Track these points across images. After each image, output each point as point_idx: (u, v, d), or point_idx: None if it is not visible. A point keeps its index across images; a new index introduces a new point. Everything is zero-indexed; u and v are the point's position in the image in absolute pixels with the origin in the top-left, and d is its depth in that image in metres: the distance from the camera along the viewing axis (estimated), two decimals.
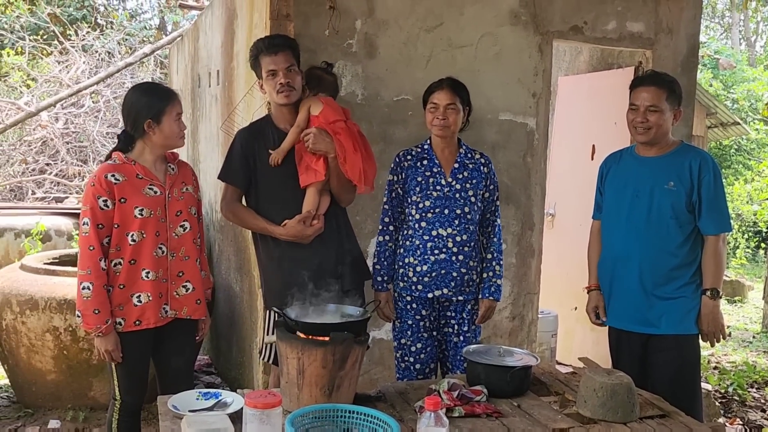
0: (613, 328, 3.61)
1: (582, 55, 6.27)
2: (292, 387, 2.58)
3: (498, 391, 2.80)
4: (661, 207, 3.39)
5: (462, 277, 3.51)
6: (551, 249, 5.35)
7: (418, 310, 3.55)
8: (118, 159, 3.16)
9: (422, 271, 3.51)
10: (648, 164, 3.47)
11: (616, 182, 3.58)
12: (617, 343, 3.60)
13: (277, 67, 3.25)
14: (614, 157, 3.67)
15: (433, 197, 3.51)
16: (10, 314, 4.39)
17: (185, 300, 3.26)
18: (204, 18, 5.93)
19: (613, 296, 3.57)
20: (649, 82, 3.44)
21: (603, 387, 2.63)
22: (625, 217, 3.48)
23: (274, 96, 3.30)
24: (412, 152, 3.61)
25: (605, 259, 3.61)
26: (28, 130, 11.35)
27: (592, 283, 3.70)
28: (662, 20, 5.08)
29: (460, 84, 3.54)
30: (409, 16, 4.45)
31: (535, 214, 4.88)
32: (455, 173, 3.54)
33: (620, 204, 3.52)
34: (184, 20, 14.40)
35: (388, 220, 3.61)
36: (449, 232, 3.50)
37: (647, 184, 3.43)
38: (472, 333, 3.58)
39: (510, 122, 4.72)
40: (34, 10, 13.35)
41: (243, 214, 3.41)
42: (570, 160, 6.02)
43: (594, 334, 5.57)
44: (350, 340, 2.56)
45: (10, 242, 7.35)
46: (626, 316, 3.51)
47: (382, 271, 3.59)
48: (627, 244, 3.47)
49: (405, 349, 3.58)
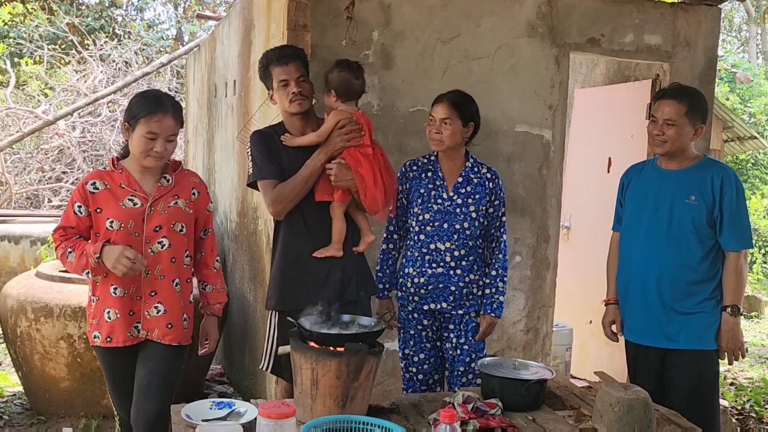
0: (630, 342, 3.58)
1: (598, 67, 6.25)
2: (306, 398, 2.57)
3: (513, 404, 2.78)
4: (681, 221, 3.36)
5: (461, 291, 3.50)
6: (566, 262, 5.32)
7: (419, 320, 3.56)
8: (108, 165, 3.15)
9: (419, 282, 3.52)
10: (669, 177, 3.44)
11: (636, 194, 3.55)
12: (635, 357, 3.57)
13: (288, 77, 3.22)
14: (636, 168, 3.64)
15: (434, 210, 3.50)
16: (24, 321, 4.40)
17: (155, 322, 3.12)
18: (221, 28, 5.96)
19: (630, 310, 3.54)
20: (670, 95, 3.41)
21: (619, 402, 2.60)
22: (645, 229, 3.45)
23: (286, 105, 3.26)
24: (418, 163, 3.61)
25: (623, 272, 3.58)
26: (45, 138, 11.44)
27: (610, 296, 3.68)
28: (680, 33, 5.06)
29: (463, 99, 3.49)
30: (425, 28, 4.45)
31: (550, 226, 4.86)
32: (458, 187, 3.52)
33: (640, 216, 3.49)
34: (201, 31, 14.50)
35: (392, 229, 3.63)
36: (447, 246, 3.48)
37: (668, 197, 3.40)
38: (471, 347, 3.54)
39: (526, 134, 4.70)
40: (52, 19, 13.50)
41: (286, 190, 3.19)
42: (586, 173, 5.99)
43: (609, 348, 5.53)
44: (365, 351, 2.55)
45: (26, 250, 7.39)
46: (644, 330, 3.47)
47: (384, 278, 3.61)
48: (646, 257, 3.43)
49: (408, 359, 3.59)
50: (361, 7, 4.18)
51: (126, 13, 16.41)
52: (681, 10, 5.05)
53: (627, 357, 3.63)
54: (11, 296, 4.54)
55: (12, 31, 13.66)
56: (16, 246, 7.37)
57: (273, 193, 3.19)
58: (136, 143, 3.02)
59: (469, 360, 3.52)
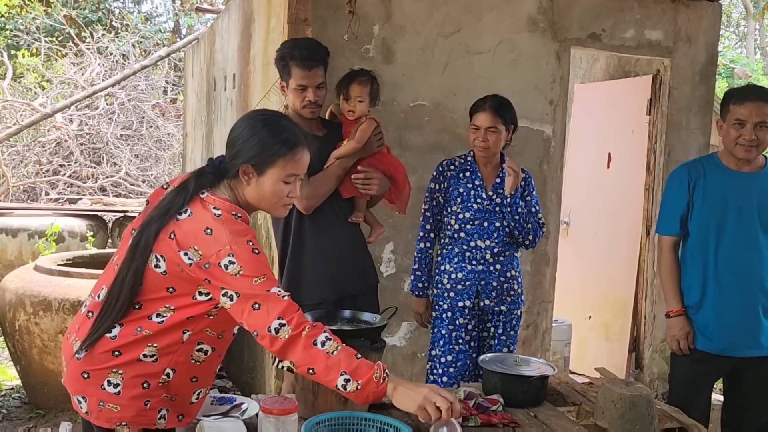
0: (704, 352, 3.35)
1: (599, 62, 6.24)
2: (308, 394, 2.56)
3: (514, 400, 2.75)
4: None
5: (502, 286, 3.55)
6: (565, 257, 5.31)
7: (453, 319, 3.55)
8: (243, 218, 2.20)
9: (457, 278, 3.53)
10: (747, 180, 3.28)
11: (710, 197, 3.30)
12: (708, 368, 3.37)
13: (308, 84, 3.12)
14: (695, 168, 3.37)
15: (474, 209, 3.53)
16: (23, 315, 4.39)
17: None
18: (220, 21, 5.94)
19: (718, 318, 3.30)
20: (756, 96, 3.18)
21: (622, 398, 2.59)
22: (731, 234, 3.25)
23: (298, 107, 3.20)
24: (455, 162, 3.62)
25: (702, 278, 3.33)
26: (42, 131, 11.41)
27: (676, 307, 3.38)
28: (681, 28, 5.05)
29: (504, 104, 3.51)
30: (426, 22, 4.43)
31: (550, 222, 4.84)
32: (496, 187, 3.56)
33: (719, 220, 3.27)
34: (199, 24, 14.44)
35: (429, 227, 3.63)
36: (487, 244, 3.53)
37: (752, 199, 3.24)
38: (508, 339, 3.60)
39: (526, 129, 4.69)
40: (49, 12, 13.44)
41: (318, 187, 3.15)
42: (586, 169, 5.99)
43: (609, 343, 5.54)
44: (366, 347, 2.53)
45: (23, 243, 7.37)
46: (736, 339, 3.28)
47: (423, 277, 3.63)
48: (740, 262, 3.24)
49: (435, 360, 3.59)
50: (362, 0, 4.16)
51: (123, 6, 16.33)
52: (682, 5, 5.04)
53: (681, 368, 3.42)
54: (9, 290, 4.52)
55: (9, 23, 13.60)
56: (14, 239, 7.35)
57: (306, 189, 3.08)
58: (270, 191, 2.23)
59: (505, 351, 3.56)
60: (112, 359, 2.12)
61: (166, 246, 2.10)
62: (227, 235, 2.07)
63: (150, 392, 2.15)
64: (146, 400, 2.15)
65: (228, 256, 2.04)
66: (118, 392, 2.13)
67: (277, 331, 2.01)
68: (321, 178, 3.18)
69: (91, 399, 2.15)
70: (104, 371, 2.12)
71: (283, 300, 2.05)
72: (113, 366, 2.12)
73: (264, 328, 2.03)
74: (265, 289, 2.04)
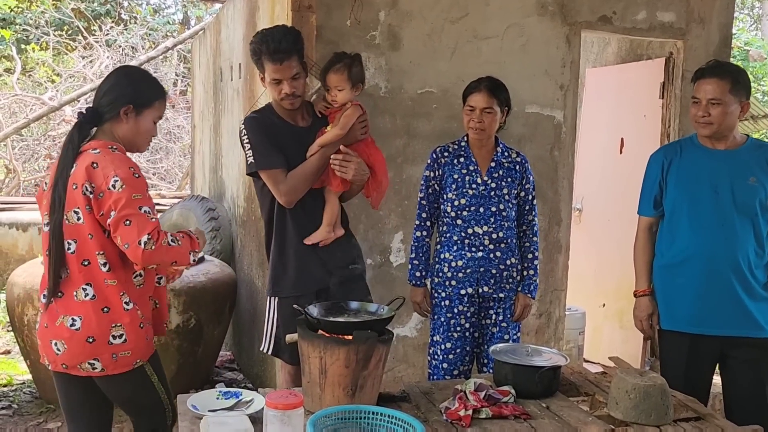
0: (683, 333, 3.32)
1: (610, 46, 6.14)
2: (314, 387, 2.52)
3: (526, 391, 2.71)
4: (746, 203, 3.20)
5: (501, 274, 3.50)
6: (578, 244, 5.25)
7: (451, 307, 3.51)
8: (119, 150, 2.69)
9: (457, 266, 3.49)
10: (722, 158, 3.26)
11: (684, 176, 3.31)
12: (692, 348, 3.30)
13: (281, 77, 3.09)
14: (672, 149, 3.42)
15: (469, 195, 3.48)
16: (31, 310, 4.36)
17: None
18: (226, 11, 5.89)
19: (688, 298, 3.29)
20: (711, 73, 3.22)
21: (636, 388, 2.53)
22: (707, 213, 3.24)
23: (277, 99, 3.18)
24: (449, 149, 3.57)
25: (671, 258, 3.34)
26: (52, 125, 11.41)
27: (643, 287, 3.44)
28: (694, 9, 4.95)
29: (498, 85, 3.48)
30: (433, 7, 4.37)
31: (562, 209, 4.78)
32: (491, 172, 3.51)
33: (694, 199, 3.27)
34: (208, 15, 14.39)
35: (425, 216, 3.58)
36: (485, 229, 3.48)
37: (725, 178, 3.22)
38: (510, 326, 3.56)
39: (537, 115, 4.62)
40: (58, 5, 13.42)
41: (300, 180, 3.12)
42: (598, 154, 5.90)
43: (623, 332, 5.47)
44: (374, 338, 2.48)
45: (34, 237, 7.38)
46: (708, 318, 3.25)
47: (420, 266, 3.58)
48: (713, 241, 3.21)
49: (436, 346, 3.56)
50: None
51: None
52: None
53: (669, 348, 3.40)
54: (18, 284, 4.50)
55: (18, 18, 13.59)
56: (24, 233, 7.36)
57: (287, 183, 3.11)
58: (145, 128, 2.78)
59: (507, 338, 3.53)
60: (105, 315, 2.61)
61: (73, 197, 2.58)
62: (110, 164, 2.56)
63: (145, 330, 2.70)
64: (146, 336, 2.71)
65: (113, 178, 2.53)
66: (125, 341, 2.63)
67: (146, 244, 2.49)
68: (301, 171, 3.13)
69: (103, 357, 2.61)
70: (106, 330, 2.60)
71: (152, 222, 2.54)
72: (110, 322, 2.61)
73: (135, 241, 2.50)
74: (138, 206, 2.53)
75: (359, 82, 3.22)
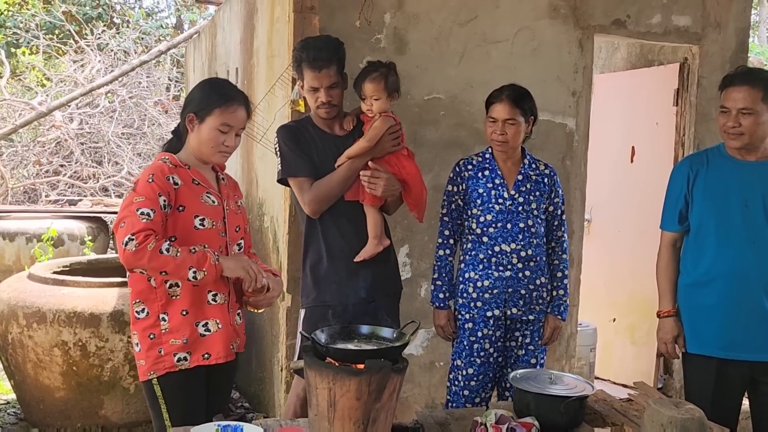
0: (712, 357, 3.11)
1: (619, 51, 5.95)
2: (323, 420, 2.30)
3: (550, 423, 2.50)
4: None
5: (530, 294, 3.29)
6: (587, 256, 5.04)
7: (474, 330, 3.30)
8: (169, 159, 2.67)
9: (483, 287, 3.27)
10: (753, 170, 3.07)
11: (711, 189, 3.13)
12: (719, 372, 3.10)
13: (319, 85, 3.05)
14: (698, 159, 3.22)
15: (495, 211, 3.27)
16: (16, 327, 4.13)
17: (241, 331, 2.84)
18: (222, 13, 5.69)
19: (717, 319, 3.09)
20: (741, 80, 3.02)
21: (672, 422, 2.32)
22: (738, 229, 3.04)
23: (313, 108, 3.14)
24: (473, 161, 3.37)
25: (697, 277, 3.15)
26: (42, 130, 11.18)
27: (667, 307, 3.23)
28: (710, 13, 4.77)
29: (523, 94, 3.27)
30: (441, 10, 4.18)
31: (574, 221, 4.58)
32: (518, 185, 3.30)
33: (723, 214, 3.08)
34: (201, 18, 14.19)
35: (448, 233, 3.37)
36: (513, 247, 3.26)
37: (757, 192, 3.03)
38: (537, 349, 3.36)
39: (548, 122, 4.42)
40: (49, 8, 13.22)
41: (325, 190, 3.06)
42: (608, 163, 5.70)
43: (635, 347, 5.28)
44: (388, 368, 2.27)
45: (21, 247, 7.15)
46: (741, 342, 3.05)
47: (444, 287, 3.36)
48: (745, 259, 3.02)
49: (457, 372, 3.35)
50: None
51: (124, 2, 16.08)
52: None
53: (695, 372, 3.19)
54: (1, 300, 4.27)
55: (8, 21, 13.38)
56: (11, 243, 7.13)
57: (311, 192, 3.07)
58: (207, 136, 2.68)
59: (534, 362, 3.34)
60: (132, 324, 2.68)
61: None
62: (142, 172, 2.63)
63: (158, 341, 2.61)
64: (159, 348, 2.61)
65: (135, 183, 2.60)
66: (139, 349, 2.64)
67: (126, 243, 2.41)
68: (327, 182, 3.07)
69: (137, 362, 2.68)
70: (133, 336, 2.66)
71: (142, 222, 2.45)
72: (133, 329, 2.66)
73: (120, 241, 2.45)
74: (135, 208, 2.47)
75: (395, 91, 3.12)
